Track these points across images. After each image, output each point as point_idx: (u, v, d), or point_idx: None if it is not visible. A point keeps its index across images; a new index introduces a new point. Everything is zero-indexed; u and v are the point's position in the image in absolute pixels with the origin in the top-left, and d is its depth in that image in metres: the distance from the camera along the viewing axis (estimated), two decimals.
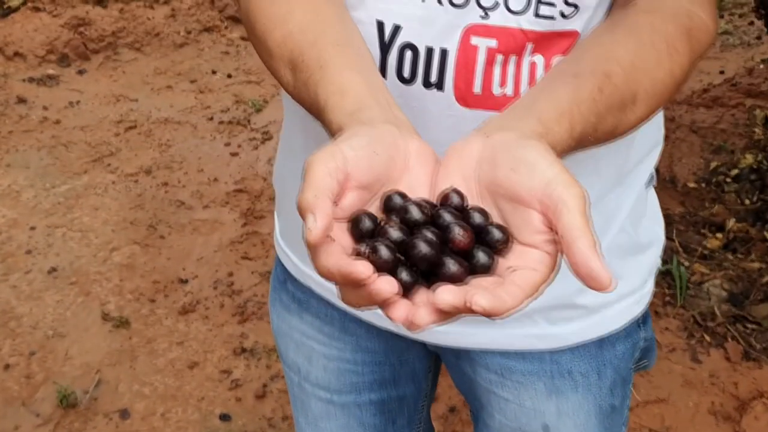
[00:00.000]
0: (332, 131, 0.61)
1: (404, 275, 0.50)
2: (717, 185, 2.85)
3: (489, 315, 0.46)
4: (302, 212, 0.49)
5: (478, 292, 0.47)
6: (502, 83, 0.74)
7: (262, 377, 2.26)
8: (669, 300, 2.45)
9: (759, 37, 4.51)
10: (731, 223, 2.67)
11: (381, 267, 0.49)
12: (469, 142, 0.58)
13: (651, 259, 0.95)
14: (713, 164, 2.99)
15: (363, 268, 0.47)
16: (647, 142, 0.89)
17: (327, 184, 0.51)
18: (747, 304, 2.40)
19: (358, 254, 0.51)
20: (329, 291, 0.95)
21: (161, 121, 3.73)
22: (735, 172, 2.86)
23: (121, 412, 2.15)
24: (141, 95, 4.01)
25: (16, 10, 4.30)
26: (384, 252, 0.50)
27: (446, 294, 0.47)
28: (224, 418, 2.14)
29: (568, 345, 0.91)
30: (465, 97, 0.74)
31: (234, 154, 3.47)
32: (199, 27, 4.70)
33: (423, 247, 0.50)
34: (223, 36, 4.78)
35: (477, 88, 0.74)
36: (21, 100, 3.85)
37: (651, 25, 0.70)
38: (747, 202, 2.78)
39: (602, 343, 0.92)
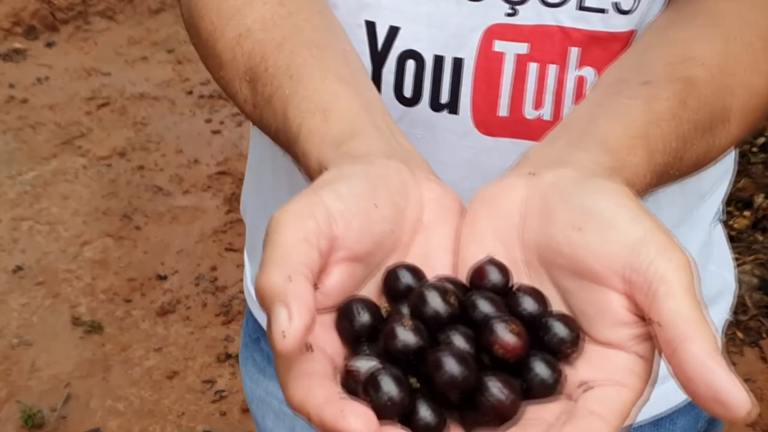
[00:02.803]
0: (310, 170, 0.44)
1: (425, 414, 0.34)
2: (742, 156, 2.62)
3: None
4: (266, 302, 0.32)
5: None
6: (538, 104, 0.56)
7: None
8: None
9: None
10: (760, 198, 2.47)
11: (386, 412, 0.33)
12: (506, 185, 0.41)
13: (720, 312, 0.76)
14: None
15: (358, 425, 0.30)
16: (718, 168, 0.69)
17: (303, 256, 0.34)
18: None
19: (349, 380, 0.34)
20: None
21: (136, 97, 3.48)
22: (761, 140, 2.64)
23: None
24: (114, 68, 3.75)
25: None
26: (391, 390, 0.33)
27: None
28: None
29: None
30: (487, 122, 0.57)
31: (216, 132, 3.23)
32: None
33: (452, 368, 0.34)
34: None
35: (503, 110, 0.56)
36: None
37: (739, 14, 0.51)
38: None
39: (659, 420, 0.74)
